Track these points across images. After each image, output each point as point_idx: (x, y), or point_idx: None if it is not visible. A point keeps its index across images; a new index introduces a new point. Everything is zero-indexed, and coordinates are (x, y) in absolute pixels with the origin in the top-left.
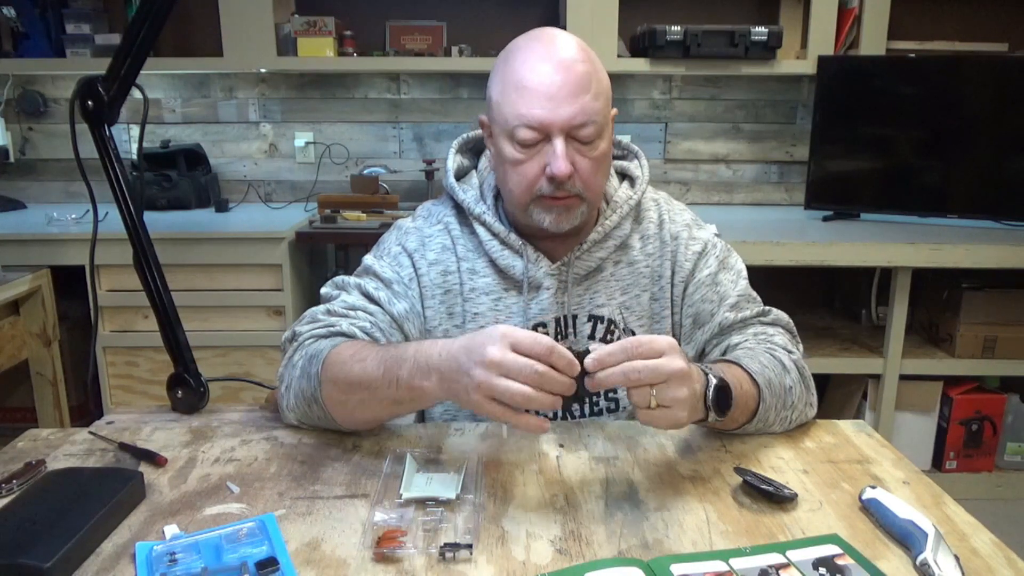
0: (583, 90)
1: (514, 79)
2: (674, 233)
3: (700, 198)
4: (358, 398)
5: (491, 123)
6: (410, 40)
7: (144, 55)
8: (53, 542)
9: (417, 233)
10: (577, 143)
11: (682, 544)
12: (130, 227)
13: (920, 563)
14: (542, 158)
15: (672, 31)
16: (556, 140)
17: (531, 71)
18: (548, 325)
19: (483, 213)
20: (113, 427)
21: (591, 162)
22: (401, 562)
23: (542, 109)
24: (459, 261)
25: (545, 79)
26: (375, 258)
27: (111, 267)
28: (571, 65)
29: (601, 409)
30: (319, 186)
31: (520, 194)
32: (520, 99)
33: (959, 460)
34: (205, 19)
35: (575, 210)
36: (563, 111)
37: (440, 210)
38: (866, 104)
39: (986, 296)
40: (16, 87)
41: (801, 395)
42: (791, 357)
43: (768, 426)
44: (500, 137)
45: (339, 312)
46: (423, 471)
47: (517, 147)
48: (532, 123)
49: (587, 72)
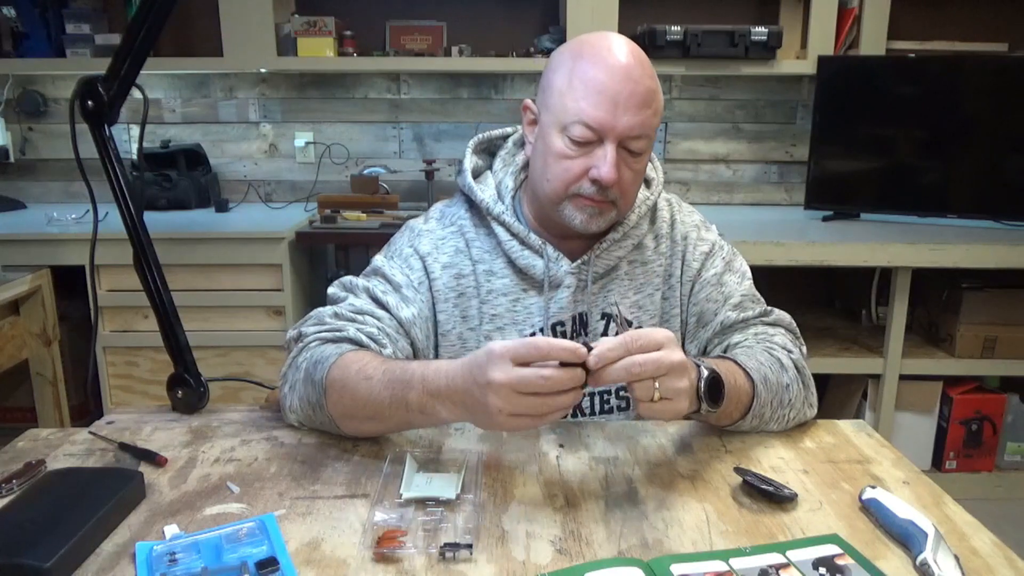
0: (646, 105)
1: (584, 75)
2: (684, 233)
3: (700, 198)
4: (366, 415)
5: (542, 110)
6: (410, 40)
7: (144, 55)
8: (53, 542)
9: (430, 235)
10: (625, 153)
11: (682, 544)
12: (130, 227)
13: (920, 563)
14: (589, 159)
15: (672, 31)
16: (608, 145)
17: (603, 72)
18: (566, 323)
19: (502, 213)
20: (113, 427)
21: (633, 174)
22: (401, 562)
23: (606, 112)
24: (474, 264)
25: (616, 84)
26: (385, 259)
27: (111, 267)
28: (641, 79)
29: (612, 407)
30: (319, 186)
31: (558, 188)
32: (586, 96)
33: (959, 460)
34: (205, 19)
35: (607, 215)
36: (624, 120)
37: (453, 211)
38: (866, 104)
39: (986, 296)
40: (16, 87)
41: (799, 394)
42: (790, 356)
43: (764, 423)
44: (551, 127)
45: (346, 316)
46: (423, 471)
47: (568, 142)
48: (592, 123)
49: (653, 89)
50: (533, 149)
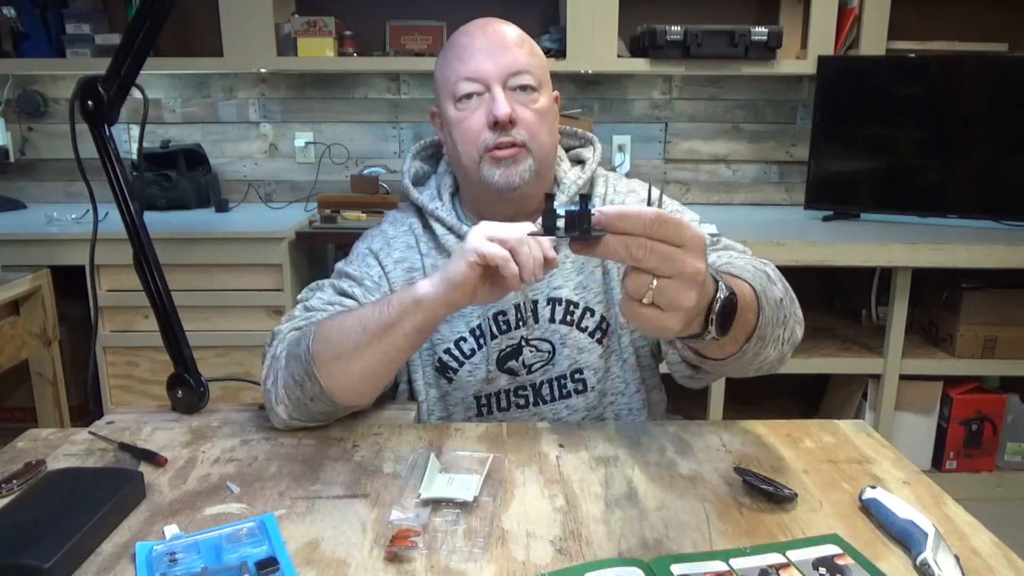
0: (516, 45)
1: (452, 48)
2: (617, 202)
3: (700, 198)
4: (353, 343)
5: (438, 101)
6: (410, 40)
7: (144, 55)
8: (53, 542)
9: (382, 236)
10: (517, 92)
11: (682, 544)
12: (130, 227)
13: (920, 563)
14: (484, 110)
15: (672, 31)
16: (495, 88)
17: (467, 36)
18: (508, 312)
19: (436, 208)
20: (113, 427)
21: (533, 113)
22: (402, 563)
23: (479, 61)
24: (423, 257)
25: (481, 38)
26: (345, 263)
27: (111, 267)
28: (504, 28)
29: (569, 391)
30: (319, 186)
31: (468, 152)
32: (457, 59)
33: (959, 460)
34: (205, 19)
35: (522, 162)
36: (499, 60)
37: (403, 215)
38: (866, 104)
39: (986, 296)
40: (16, 87)
41: (790, 308)
42: (771, 267)
43: (763, 347)
44: (445, 105)
45: (317, 307)
46: (444, 471)
47: (459, 105)
48: (470, 75)
49: (520, 35)
50: (446, 143)
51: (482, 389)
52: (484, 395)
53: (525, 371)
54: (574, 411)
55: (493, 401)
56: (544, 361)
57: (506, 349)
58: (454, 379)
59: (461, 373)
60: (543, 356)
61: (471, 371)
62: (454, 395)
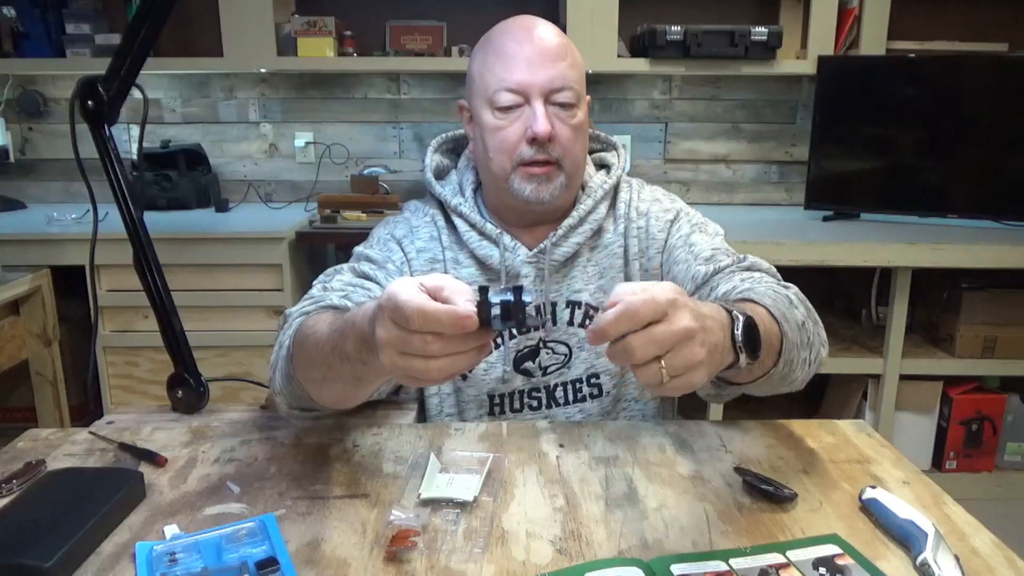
0: (560, 57)
1: (495, 50)
2: (642, 210)
3: (700, 198)
4: (319, 374)
5: (471, 99)
6: (410, 40)
7: (144, 55)
8: (53, 542)
9: (405, 223)
10: (556, 108)
11: (682, 544)
12: (130, 227)
13: (920, 563)
14: (522, 123)
15: (672, 31)
16: (536, 103)
17: (511, 40)
18: None
19: (460, 204)
20: (113, 427)
21: (570, 129)
22: (402, 563)
23: (523, 72)
24: (444, 250)
25: (526, 46)
26: (365, 247)
27: (111, 267)
28: (549, 36)
29: (584, 396)
30: (319, 186)
31: (501, 162)
32: (500, 65)
33: (959, 460)
34: (205, 19)
35: (555, 180)
36: (542, 74)
37: (425, 206)
38: (866, 104)
39: (986, 296)
40: (16, 87)
41: (813, 330)
42: (791, 291)
43: (792, 370)
44: (481, 109)
45: (334, 288)
46: (444, 471)
47: (498, 113)
48: (512, 86)
49: (563, 44)
50: (475, 142)
51: (496, 388)
52: (498, 395)
53: (540, 373)
54: (587, 415)
55: (506, 401)
56: (560, 364)
57: (524, 350)
58: (469, 376)
59: (477, 371)
60: (559, 359)
61: (487, 370)
62: (467, 392)
